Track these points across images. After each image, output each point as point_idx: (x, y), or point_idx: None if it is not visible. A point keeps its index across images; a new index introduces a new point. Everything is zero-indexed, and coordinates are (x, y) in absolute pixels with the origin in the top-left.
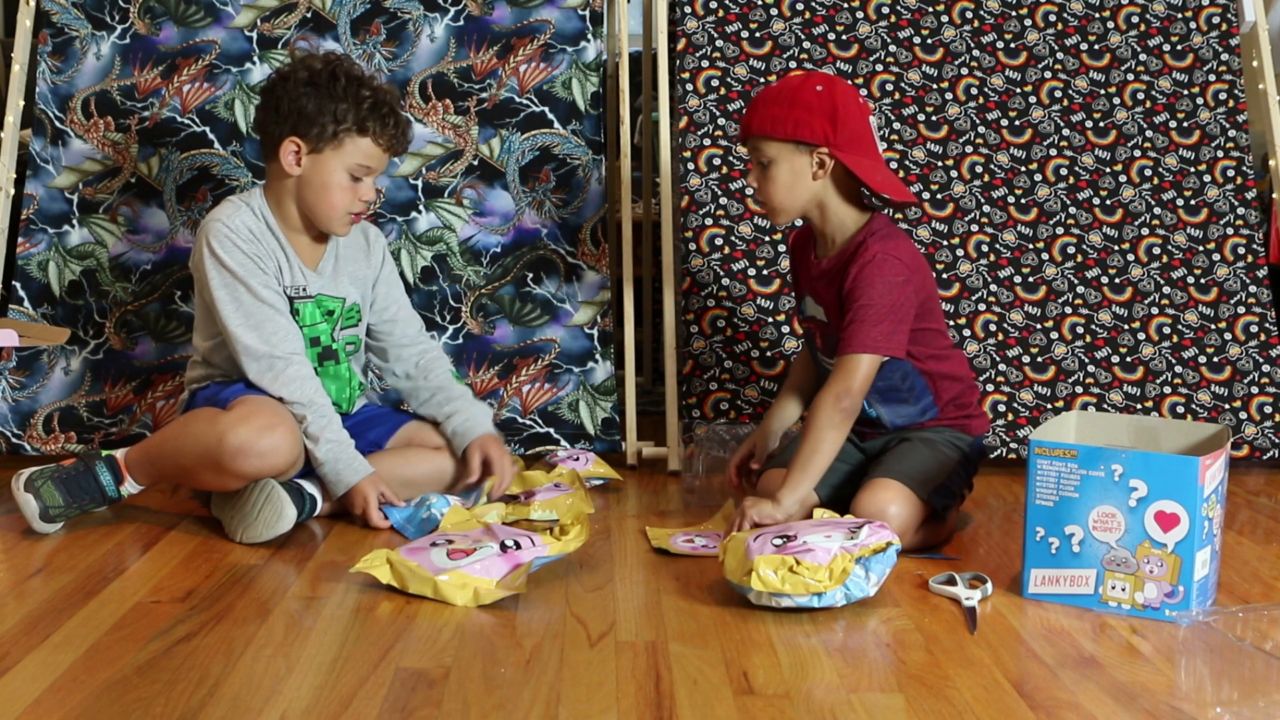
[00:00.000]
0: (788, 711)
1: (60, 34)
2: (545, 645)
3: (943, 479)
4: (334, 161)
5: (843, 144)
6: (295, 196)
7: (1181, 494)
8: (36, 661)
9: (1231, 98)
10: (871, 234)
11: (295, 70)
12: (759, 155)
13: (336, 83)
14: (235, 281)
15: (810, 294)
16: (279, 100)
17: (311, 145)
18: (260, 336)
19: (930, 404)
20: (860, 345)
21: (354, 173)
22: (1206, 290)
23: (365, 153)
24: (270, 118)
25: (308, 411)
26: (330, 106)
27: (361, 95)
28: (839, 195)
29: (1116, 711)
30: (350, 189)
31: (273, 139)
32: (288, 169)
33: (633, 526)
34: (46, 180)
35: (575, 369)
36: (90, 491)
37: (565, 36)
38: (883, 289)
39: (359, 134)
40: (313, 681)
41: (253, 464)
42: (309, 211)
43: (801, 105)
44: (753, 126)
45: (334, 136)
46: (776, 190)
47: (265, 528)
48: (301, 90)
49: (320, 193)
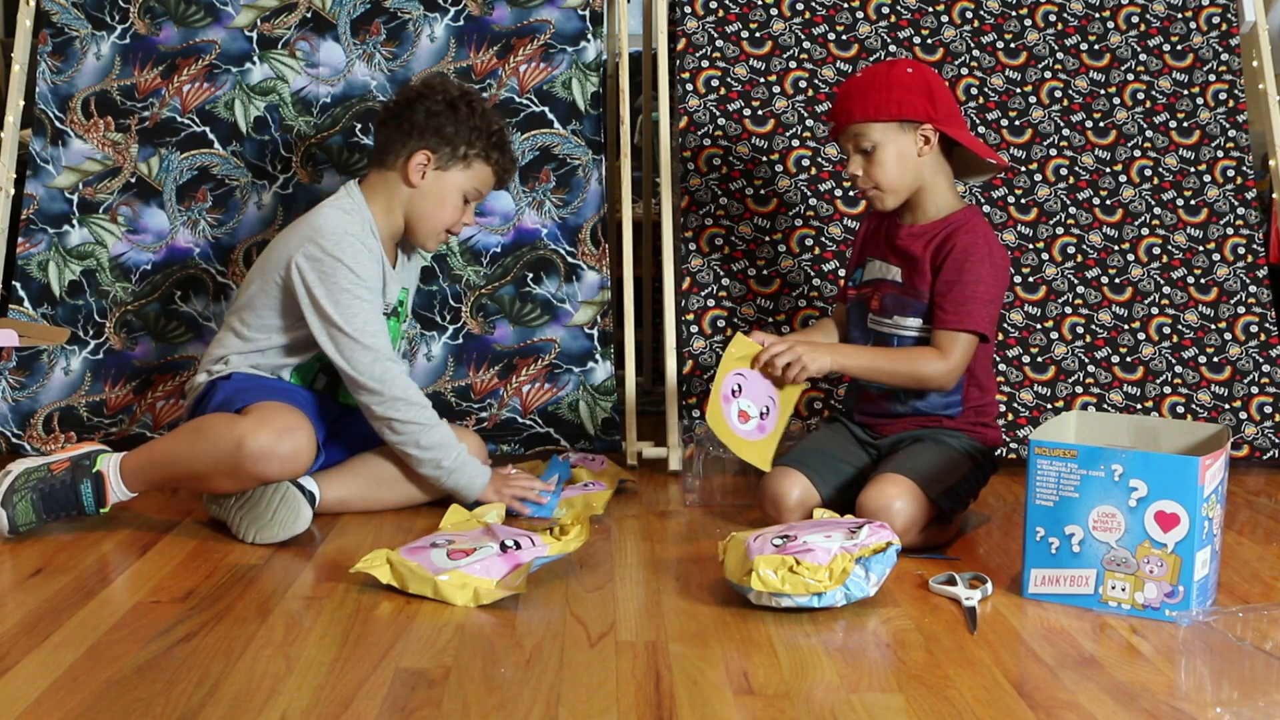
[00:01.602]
0: (788, 711)
1: (60, 34)
2: (545, 645)
3: (953, 481)
4: (457, 179)
5: (942, 118)
6: (405, 206)
7: (1181, 494)
8: (36, 661)
9: (1231, 98)
10: (975, 215)
11: (435, 90)
12: (861, 142)
13: (474, 112)
14: (363, 288)
15: (881, 258)
16: (415, 115)
17: (441, 162)
18: (378, 342)
19: (957, 402)
20: (972, 321)
21: (468, 195)
22: (1206, 290)
23: (483, 179)
24: (403, 129)
25: (423, 417)
26: (465, 131)
27: (492, 127)
28: (941, 168)
29: (1116, 711)
30: (460, 209)
31: (403, 150)
32: (412, 179)
33: (633, 527)
34: (46, 180)
35: (575, 369)
36: (68, 508)
37: (565, 36)
38: (991, 274)
39: (484, 161)
40: (313, 681)
41: (274, 468)
42: (415, 222)
43: (900, 86)
44: (855, 114)
45: (464, 158)
46: (885, 172)
47: (281, 528)
48: (442, 109)
49: (436, 206)
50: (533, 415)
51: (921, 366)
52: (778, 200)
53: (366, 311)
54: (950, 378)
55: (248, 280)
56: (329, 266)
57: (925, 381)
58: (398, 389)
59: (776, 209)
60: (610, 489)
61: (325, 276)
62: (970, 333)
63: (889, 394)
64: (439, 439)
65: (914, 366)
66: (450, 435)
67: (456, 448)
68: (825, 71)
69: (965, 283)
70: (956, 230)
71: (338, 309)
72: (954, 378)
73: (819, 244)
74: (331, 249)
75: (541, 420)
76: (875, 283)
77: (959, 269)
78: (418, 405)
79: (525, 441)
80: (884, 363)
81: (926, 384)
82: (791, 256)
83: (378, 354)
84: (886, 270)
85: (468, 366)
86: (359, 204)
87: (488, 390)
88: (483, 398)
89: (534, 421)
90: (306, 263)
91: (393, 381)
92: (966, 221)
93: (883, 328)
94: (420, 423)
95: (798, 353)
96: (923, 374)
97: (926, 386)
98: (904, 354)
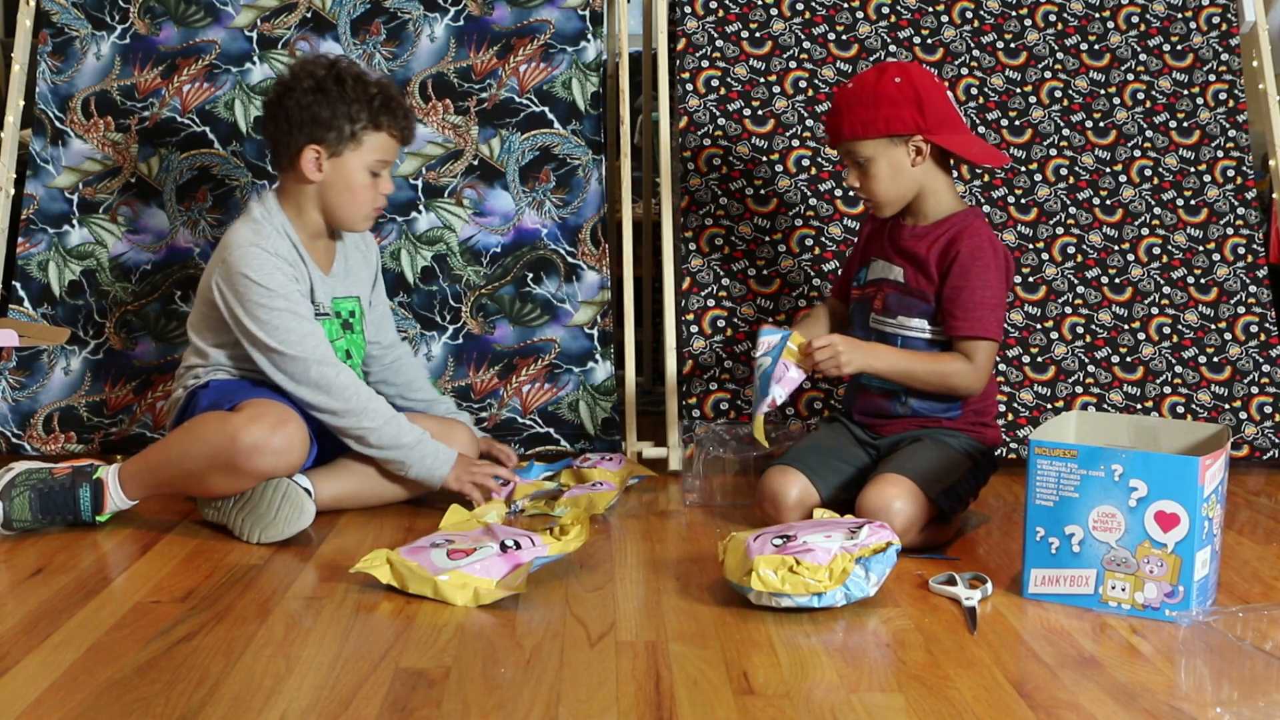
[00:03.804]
0: (788, 711)
1: (60, 34)
2: (545, 645)
3: (952, 481)
4: (355, 161)
5: (933, 127)
6: (317, 202)
7: (1181, 494)
8: (36, 661)
9: (1231, 98)
10: (977, 217)
11: (299, 79)
12: (854, 156)
13: (344, 84)
14: (277, 298)
15: (884, 258)
16: (289, 111)
17: (331, 149)
18: (305, 349)
19: (957, 404)
20: (984, 328)
21: (373, 169)
22: (1206, 290)
23: (382, 147)
24: (282, 129)
25: (369, 419)
26: (343, 109)
27: (370, 92)
28: (938, 172)
29: (1116, 711)
30: (372, 186)
31: (290, 149)
32: (310, 176)
33: (633, 527)
34: (46, 180)
35: (575, 369)
36: (65, 512)
37: (565, 36)
38: (997, 278)
39: (374, 129)
40: (313, 681)
41: (268, 462)
42: (333, 213)
43: (887, 101)
44: (844, 133)
45: (352, 137)
46: (879, 186)
47: (286, 525)
48: (311, 98)
49: (345, 194)
50: (533, 415)
51: (951, 375)
52: (778, 200)
53: (287, 321)
54: (979, 384)
55: (196, 300)
56: (240, 284)
57: (955, 389)
58: (337, 394)
59: (776, 209)
60: (619, 489)
61: (239, 295)
62: (989, 340)
63: (888, 394)
64: (389, 438)
65: (944, 373)
66: (402, 430)
67: (411, 443)
68: (825, 71)
69: (973, 288)
70: (960, 233)
71: (257, 325)
72: (982, 384)
73: (819, 244)
74: (238, 265)
75: (541, 420)
76: (878, 282)
77: (965, 274)
78: (357, 410)
79: (525, 441)
80: (917, 367)
81: (955, 391)
82: (791, 256)
83: (308, 360)
84: (889, 270)
85: (468, 366)
86: (270, 209)
87: (488, 390)
88: (483, 398)
89: (534, 421)
90: (223, 283)
91: (329, 387)
92: (969, 224)
93: (886, 327)
94: (366, 426)
95: (835, 350)
96: (952, 383)
97: (955, 393)
98: (934, 359)
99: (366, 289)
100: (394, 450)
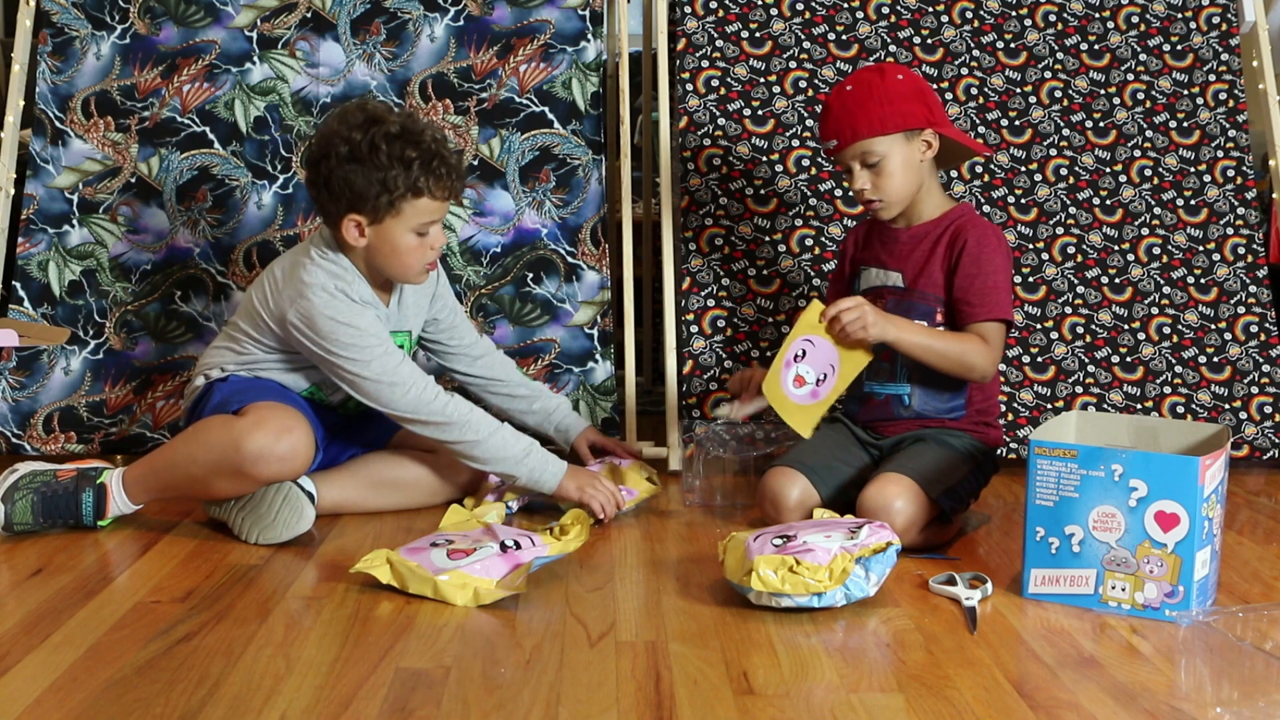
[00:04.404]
0: (788, 711)
1: (60, 34)
2: (545, 645)
3: (953, 481)
4: (398, 227)
5: (938, 120)
6: (366, 260)
7: (1181, 494)
8: (36, 661)
9: (1231, 98)
10: (970, 210)
11: (334, 144)
12: (867, 157)
13: (378, 152)
14: (368, 336)
15: (878, 265)
16: (327, 179)
17: (371, 218)
18: (400, 376)
19: (961, 405)
20: (999, 310)
21: (419, 230)
22: (1206, 290)
23: (425, 210)
24: (323, 195)
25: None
26: (379, 177)
27: (407, 157)
28: (933, 169)
29: (1116, 711)
30: (420, 246)
31: (331, 216)
32: (353, 243)
33: (633, 527)
34: (46, 180)
35: (575, 369)
36: (67, 516)
37: (565, 36)
38: (1004, 261)
39: (414, 196)
40: (313, 681)
41: (273, 468)
42: (384, 272)
43: (899, 97)
44: (861, 131)
45: (390, 206)
46: (893, 183)
47: (285, 528)
48: (347, 168)
49: (391, 257)
50: None
51: (971, 355)
52: (778, 200)
53: (379, 354)
54: (993, 366)
55: (244, 308)
56: (325, 327)
57: (971, 370)
58: (437, 412)
59: (776, 209)
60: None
61: (325, 335)
62: (1000, 321)
63: (891, 401)
64: (494, 451)
65: (965, 353)
66: (508, 442)
67: (518, 456)
68: (825, 71)
69: (985, 274)
70: (962, 226)
71: (351, 363)
72: (995, 365)
73: (819, 244)
74: (323, 308)
75: None
76: (875, 290)
77: (976, 262)
78: (458, 424)
79: None
80: (939, 344)
81: (972, 372)
82: (791, 256)
83: (406, 386)
84: (886, 277)
85: None
86: (338, 256)
87: None
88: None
89: None
90: (302, 323)
91: (427, 407)
92: (966, 216)
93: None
94: (467, 439)
95: (863, 311)
96: (970, 361)
97: (970, 376)
98: (956, 339)
99: (419, 324)
100: (502, 463)
